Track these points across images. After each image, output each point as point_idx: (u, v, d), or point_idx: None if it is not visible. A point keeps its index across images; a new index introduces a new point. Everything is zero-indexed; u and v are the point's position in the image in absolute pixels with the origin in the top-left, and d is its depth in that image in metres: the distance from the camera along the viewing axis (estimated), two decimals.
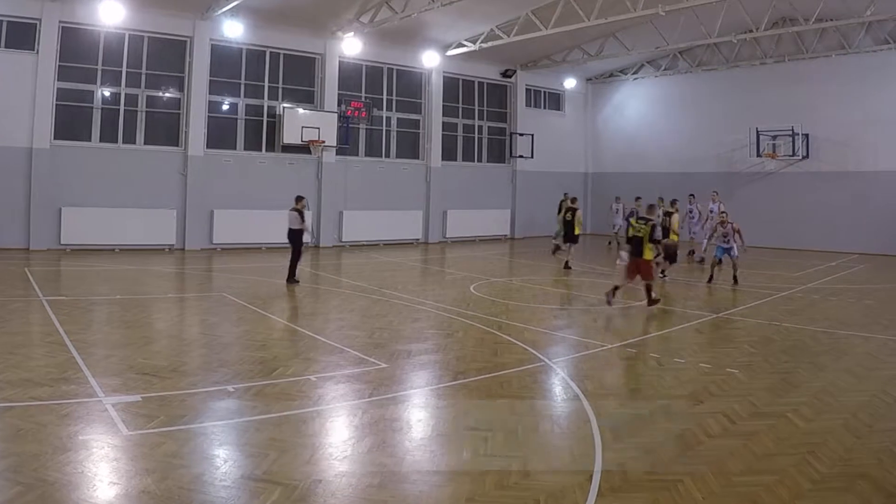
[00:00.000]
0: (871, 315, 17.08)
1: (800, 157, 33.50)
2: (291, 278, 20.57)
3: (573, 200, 25.96)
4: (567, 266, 25.03)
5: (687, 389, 10.45)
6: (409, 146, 35.43)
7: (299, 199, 21.70)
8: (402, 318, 15.67)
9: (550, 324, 15.54)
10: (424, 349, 12.66)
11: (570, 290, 20.84)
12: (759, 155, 34.55)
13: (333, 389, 10.13)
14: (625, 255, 17.79)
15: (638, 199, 30.91)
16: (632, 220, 17.98)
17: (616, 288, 17.63)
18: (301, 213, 21.18)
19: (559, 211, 28.48)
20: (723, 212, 23.06)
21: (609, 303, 17.20)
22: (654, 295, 17.50)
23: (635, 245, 17.36)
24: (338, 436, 8.46)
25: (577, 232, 25.34)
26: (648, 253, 17.38)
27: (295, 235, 21.01)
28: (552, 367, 11.61)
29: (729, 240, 21.68)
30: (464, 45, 33.49)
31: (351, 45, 31.35)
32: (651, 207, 18.63)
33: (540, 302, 18.35)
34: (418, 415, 9.30)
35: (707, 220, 27.29)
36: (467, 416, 9.11)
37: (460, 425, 8.76)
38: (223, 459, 7.58)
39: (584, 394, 10.08)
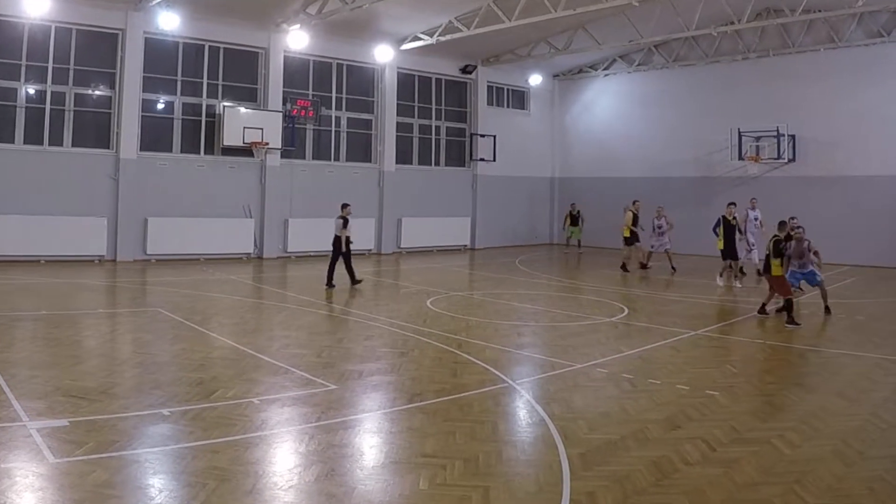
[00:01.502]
0: (863, 332, 17.12)
1: (785, 161, 33.53)
2: (354, 280, 23.30)
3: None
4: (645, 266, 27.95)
5: (663, 413, 10.47)
6: (361, 148, 35.41)
7: (344, 206, 23.89)
8: (353, 335, 15.65)
9: (514, 341, 15.54)
10: (377, 369, 12.62)
11: (536, 305, 20.88)
12: (741, 158, 34.47)
13: (278, 413, 10.08)
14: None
15: (636, 202, 30.48)
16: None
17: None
18: (345, 220, 23.38)
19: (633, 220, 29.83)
20: (798, 226, 21.08)
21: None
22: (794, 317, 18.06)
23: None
24: (283, 464, 8.41)
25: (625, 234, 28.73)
26: (777, 269, 18.33)
27: (339, 242, 23.36)
28: (516, 389, 11.63)
29: (806, 263, 19.53)
30: (420, 39, 33.54)
31: (297, 39, 31.28)
32: (781, 224, 19.54)
33: (503, 318, 18.37)
34: (370, 441, 9.27)
35: (744, 226, 26.84)
36: (424, 442, 9.09)
37: (416, 452, 8.74)
38: (158, 489, 7.50)
39: (550, 418, 10.09)
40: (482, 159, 38.93)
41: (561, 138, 43.33)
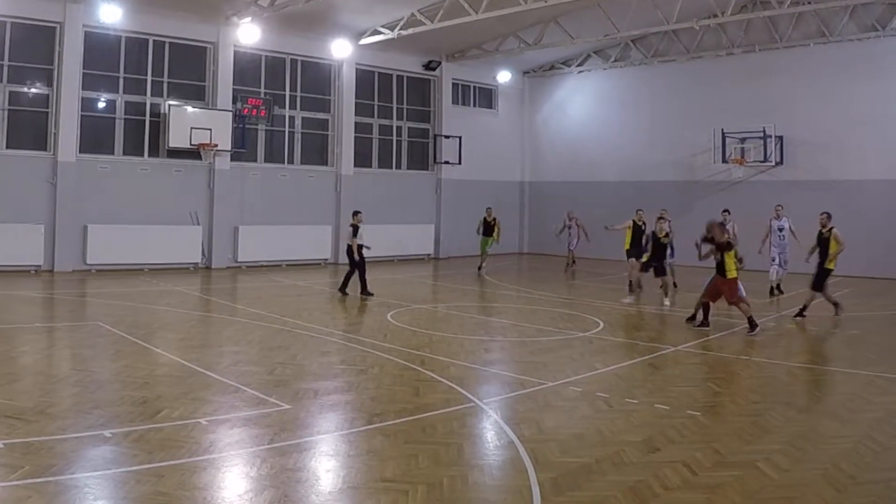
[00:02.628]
0: (857, 348, 17.16)
1: (772, 164, 33.51)
2: (365, 291, 24.14)
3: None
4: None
5: (640, 434, 10.47)
6: (317, 150, 35.40)
7: (356, 213, 25.03)
8: (308, 351, 15.61)
9: (481, 358, 15.55)
10: (334, 388, 12.61)
11: (504, 319, 20.94)
12: (724, 161, 34.48)
13: (227, 435, 10.05)
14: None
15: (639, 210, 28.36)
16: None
17: (704, 311, 19.32)
18: (355, 228, 24.58)
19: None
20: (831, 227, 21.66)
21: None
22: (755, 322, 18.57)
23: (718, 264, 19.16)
24: (232, 489, 8.37)
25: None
26: (733, 270, 18.93)
27: (351, 251, 24.53)
28: (483, 409, 11.63)
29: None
30: (380, 33, 33.51)
31: (248, 33, 31.15)
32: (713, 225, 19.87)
33: (469, 332, 18.39)
34: (327, 464, 9.24)
35: (767, 238, 26.35)
36: (384, 466, 9.07)
37: (376, 477, 8.72)
38: None
39: (520, 440, 10.10)
40: (447, 162, 39.01)
41: (531, 140, 43.51)
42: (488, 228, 33.32)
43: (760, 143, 33.50)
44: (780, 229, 26.38)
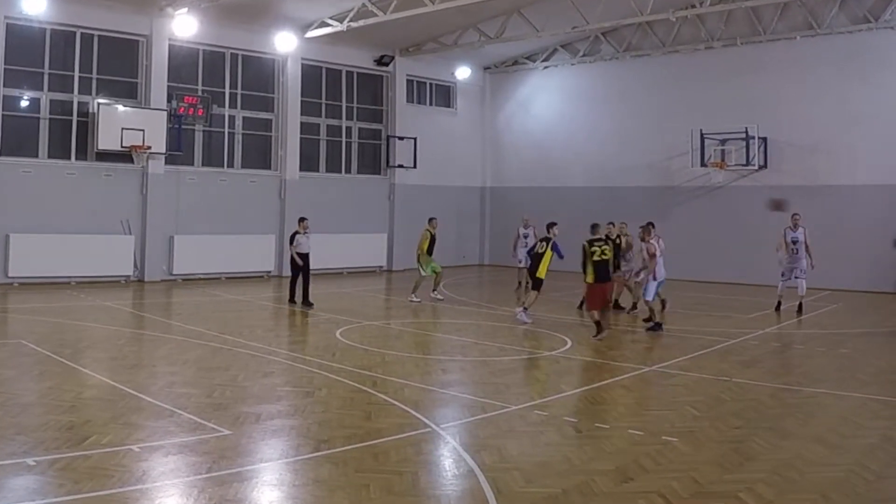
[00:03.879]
0: (847, 368, 17.23)
1: (756, 168, 33.56)
2: (306, 301, 25.24)
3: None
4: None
5: (612, 463, 10.49)
6: (259, 153, 35.36)
7: (301, 220, 26.11)
8: (250, 371, 15.59)
9: (438, 379, 15.63)
10: (278, 412, 12.61)
11: (464, 337, 20.97)
12: (703, 164, 34.44)
13: (162, 463, 10.02)
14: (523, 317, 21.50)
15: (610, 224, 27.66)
16: (594, 246, 20.14)
17: (598, 324, 19.74)
18: (293, 236, 25.95)
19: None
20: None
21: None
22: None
23: (603, 269, 19.87)
24: None
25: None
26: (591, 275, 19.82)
27: (306, 258, 25.71)
28: (440, 435, 11.66)
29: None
30: (328, 25, 33.53)
31: (184, 25, 31.08)
32: (595, 227, 20.70)
33: (425, 351, 18.47)
34: (270, 495, 9.25)
35: (780, 248, 25.81)
36: (332, 496, 9.09)
37: None
38: None
39: (480, 468, 10.12)
40: (401, 166, 39.04)
41: (493, 141, 43.58)
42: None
43: (742, 144, 33.42)
44: (795, 241, 25.51)
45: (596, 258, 20.08)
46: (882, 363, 18.02)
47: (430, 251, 27.77)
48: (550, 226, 23.26)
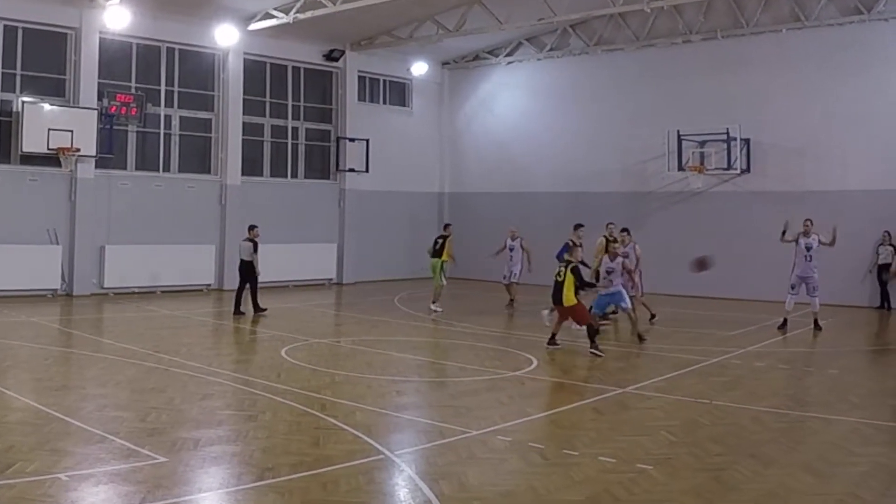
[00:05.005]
0: (837, 389, 17.20)
1: (738, 172, 33.47)
2: (259, 309, 26.30)
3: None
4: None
5: (582, 492, 10.51)
6: (198, 156, 35.30)
7: (252, 227, 26.91)
8: (187, 393, 15.59)
9: (393, 402, 15.67)
10: (218, 437, 12.62)
11: (420, 356, 21.06)
12: (681, 168, 34.32)
13: (92, 493, 10.02)
14: (546, 313, 21.21)
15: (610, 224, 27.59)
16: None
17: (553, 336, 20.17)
18: (255, 244, 26.67)
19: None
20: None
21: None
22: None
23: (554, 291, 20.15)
24: None
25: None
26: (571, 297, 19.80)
27: (247, 267, 26.60)
28: (395, 462, 11.68)
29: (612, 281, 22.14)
30: (273, 17, 33.49)
31: (116, 16, 30.91)
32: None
33: (378, 371, 18.45)
34: None
35: (798, 258, 25.15)
36: None
37: None
38: None
39: (438, 498, 10.15)
40: (351, 170, 39.01)
41: (452, 143, 43.64)
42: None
43: (723, 147, 33.26)
44: (808, 248, 24.82)
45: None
46: (874, 384, 18.15)
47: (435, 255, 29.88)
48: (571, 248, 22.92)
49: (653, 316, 26.07)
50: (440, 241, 29.70)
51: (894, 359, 22.75)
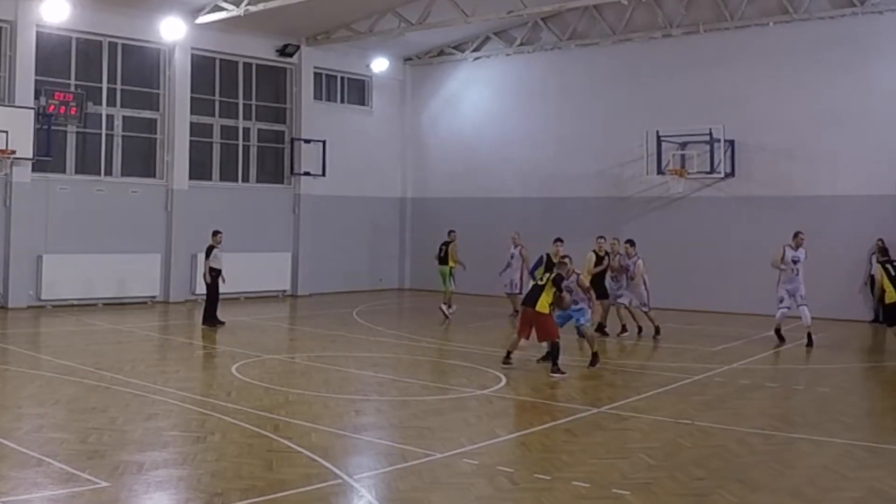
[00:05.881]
0: (828, 409, 17.17)
1: (721, 176, 33.30)
2: (213, 320, 27.08)
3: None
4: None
5: None
6: (142, 159, 35.19)
7: (216, 233, 27.76)
8: (131, 413, 15.55)
9: (351, 422, 15.65)
10: (164, 460, 12.58)
11: (381, 373, 20.98)
12: (660, 172, 34.19)
13: None
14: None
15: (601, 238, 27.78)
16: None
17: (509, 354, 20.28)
18: (208, 249, 27.85)
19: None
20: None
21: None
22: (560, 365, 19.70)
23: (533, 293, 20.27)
24: None
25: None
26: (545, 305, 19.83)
27: (213, 274, 27.57)
28: (353, 487, 11.67)
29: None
30: (222, 9, 33.36)
31: (54, 9, 30.89)
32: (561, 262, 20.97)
33: (335, 390, 18.47)
34: None
35: (777, 264, 25.19)
36: None
37: None
38: None
39: None
40: (307, 173, 38.97)
41: (415, 145, 43.62)
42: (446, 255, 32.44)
43: (706, 149, 33.19)
44: (796, 261, 25.19)
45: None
46: (869, 403, 18.26)
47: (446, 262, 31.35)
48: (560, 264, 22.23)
49: (640, 330, 26.30)
50: (444, 247, 31.00)
51: (890, 376, 22.70)
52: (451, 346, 24.80)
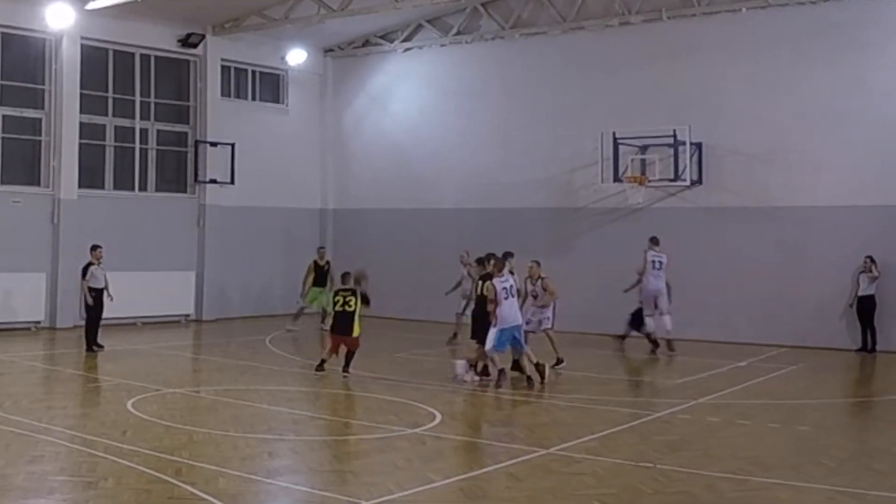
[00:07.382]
0: (808, 450, 17.26)
1: (687, 183, 33.18)
2: (91, 344, 28.06)
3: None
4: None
5: None
6: (25, 164, 35.05)
7: (94, 248, 28.35)
8: (13, 455, 15.44)
9: (263, 465, 15.68)
10: None
11: (298, 409, 21.13)
12: (617, 179, 33.92)
13: None
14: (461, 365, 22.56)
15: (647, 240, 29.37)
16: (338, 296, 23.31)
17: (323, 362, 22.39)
18: (85, 268, 28.49)
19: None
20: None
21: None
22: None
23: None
24: None
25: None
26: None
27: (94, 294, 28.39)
28: None
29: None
30: None
31: None
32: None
33: (246, 428, 18.49)
34: None
35: (642, 272, 26.38)
36: None
37: None
38: None
39: None
40: (214, 181, 38.91)
41: (337, 148, 43.63)
42: (321, 276, 34.26)
43: (669, 153, 33.14)
44: (659, 265, 27.78)
45: (337, 308, 23.65)
46: (853, 444, 18.30)
47: (316, 283, 33.75)
48: (487, 259, 23.46)
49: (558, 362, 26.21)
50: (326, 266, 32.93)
51: (879, 412, 22.73)
52: (377, 378, 24.79)
